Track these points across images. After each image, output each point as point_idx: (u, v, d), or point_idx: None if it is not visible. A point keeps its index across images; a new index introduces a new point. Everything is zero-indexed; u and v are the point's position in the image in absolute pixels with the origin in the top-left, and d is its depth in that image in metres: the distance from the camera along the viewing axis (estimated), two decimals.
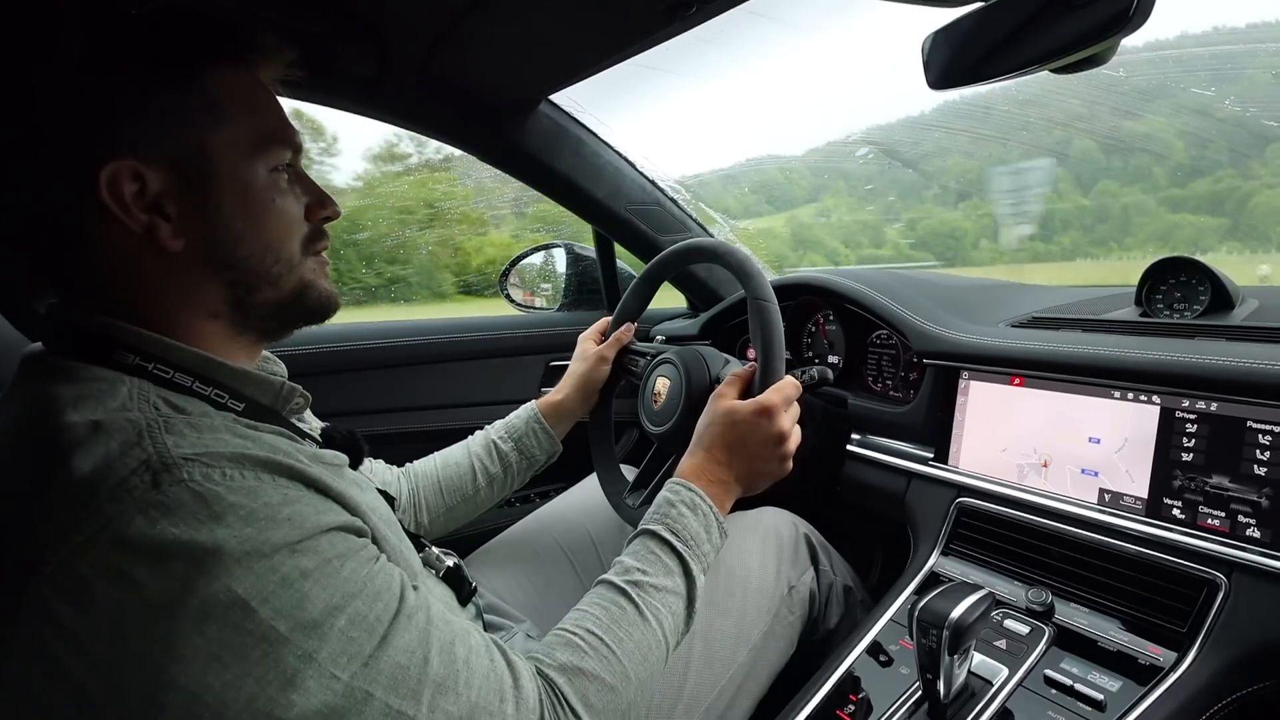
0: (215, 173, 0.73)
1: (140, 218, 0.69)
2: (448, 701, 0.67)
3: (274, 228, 0.78)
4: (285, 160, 0.80)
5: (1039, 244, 2.78)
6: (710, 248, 1.31)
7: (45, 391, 0.65)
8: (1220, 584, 0.98)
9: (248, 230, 0.76)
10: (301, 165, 0.84)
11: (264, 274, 0.78)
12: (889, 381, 1.65)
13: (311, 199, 0.84)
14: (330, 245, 0.88)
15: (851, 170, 4.17)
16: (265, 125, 0.78)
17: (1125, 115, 2.43)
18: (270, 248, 0.78)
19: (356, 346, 1.88)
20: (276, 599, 0.59)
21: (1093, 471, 1.14)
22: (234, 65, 0.76)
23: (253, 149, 0.76)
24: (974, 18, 0.84)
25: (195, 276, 0.74)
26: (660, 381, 1.30)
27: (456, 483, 1.34)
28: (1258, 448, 0.98)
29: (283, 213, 0.79)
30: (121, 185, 0.68)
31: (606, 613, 0.87)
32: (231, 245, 0.75)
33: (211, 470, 0.61)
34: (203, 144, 0.72)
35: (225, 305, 0.77)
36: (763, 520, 1.36)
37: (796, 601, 1.26)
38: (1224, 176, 2.40)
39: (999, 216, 3.46)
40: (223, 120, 0.73)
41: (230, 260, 0.75)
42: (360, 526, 0.71)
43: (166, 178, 0.70)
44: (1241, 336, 1.13)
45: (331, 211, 0.86)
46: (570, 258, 2.36)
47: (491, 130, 1.71)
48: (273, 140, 0.78)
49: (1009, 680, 1.01)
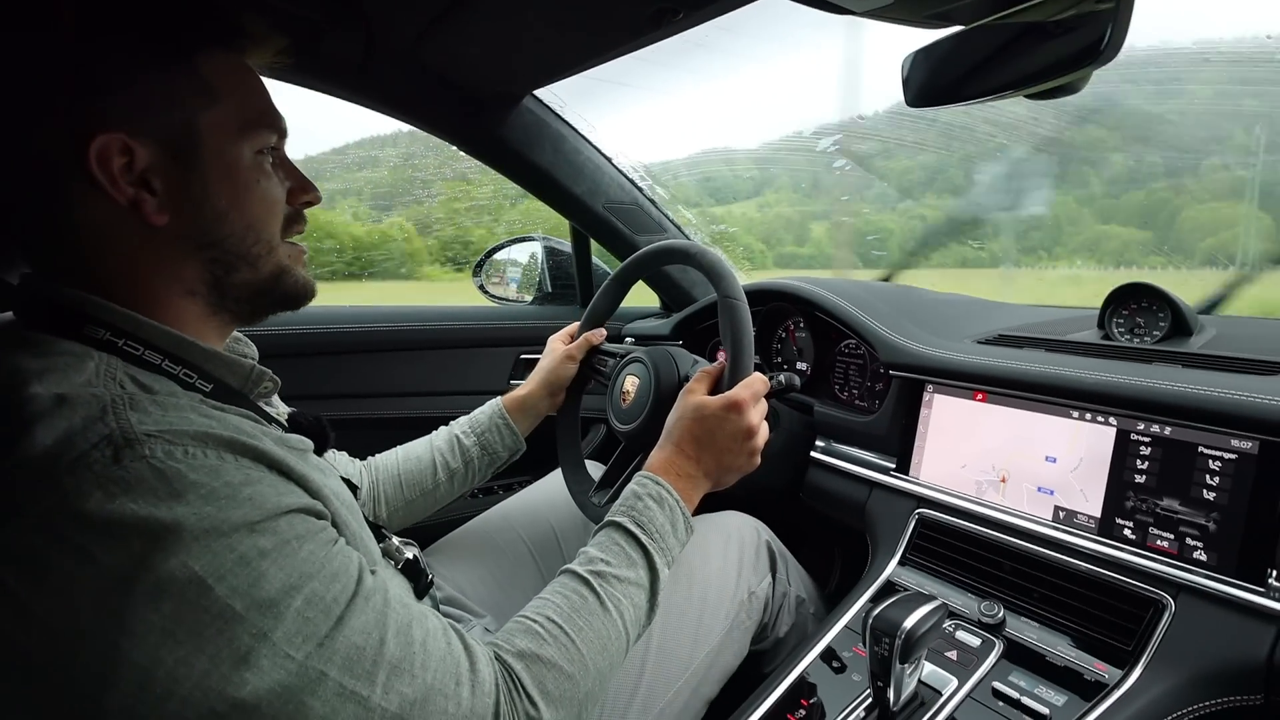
0: (203, 151, 0.74)
1: (126, 191, 0.70)
2: (402, 683, 0.67)
3: (256, 208, 0.79)
4: (270, 144, 0.81)
5: (968, 249, 2.78)
6: (682, 249, 1.31)
7: (12, 362, 0.65)
8: (1166, 604, 1.00)
9: (231, 209, 0.76)
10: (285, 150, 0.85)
11: (244, 254, 0.79)
12: (855, 391, 1.67)
13: (294, 183, 0.85)
14: (304, 233, 0.89)
15: (798, 165, 4.17)
16: (253, 108, 0.79)
17: (1068, 125, 2.46)
18: (252, 228, 0.79)
19: (327, 330, 1.87)
20: (233, 577, 0.59)
21: (1049, 490, 1.16)
22: (224, 49, 0.77)
23: (240, 131, 0.77)
24: (953, 40, 0.86)
25: (176, 253, 0.75)
26: (629, 380, 1.30)
27: (416, 477, 1.34)
28: (1208, 473, 1.00)
29: (266, 194, 0.80)
30: (110, 158, 0.68)
31: (568, 601, 0.87)
32: (214, 223, 0.76)
33: (174, 448, 0.61)
34: (192, 122, 0.73)
35: (203, 284, 0.78)
36: (727, 524, 1.37)
37: (754, 607, 1.27)
38: (1157, 189, 2.44)
39: (929, 220, 3.48)
40: (213, 101, 0.74)
41: (212, 238, 0.76)
42: (320, 509, 0.72)
43: (155, 153, 0.71)
44: (1198, 364, 1.15)
45: (313, 196, 0.87)
46: (546, 252, 2.36)
47: (475, 122, 1.71)
48: (260, 124, 0.79)
49: (958, 691, 1.03)
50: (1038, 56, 0.78)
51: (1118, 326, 1.39)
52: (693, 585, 1.21)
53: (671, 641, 1.14)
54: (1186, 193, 2.27)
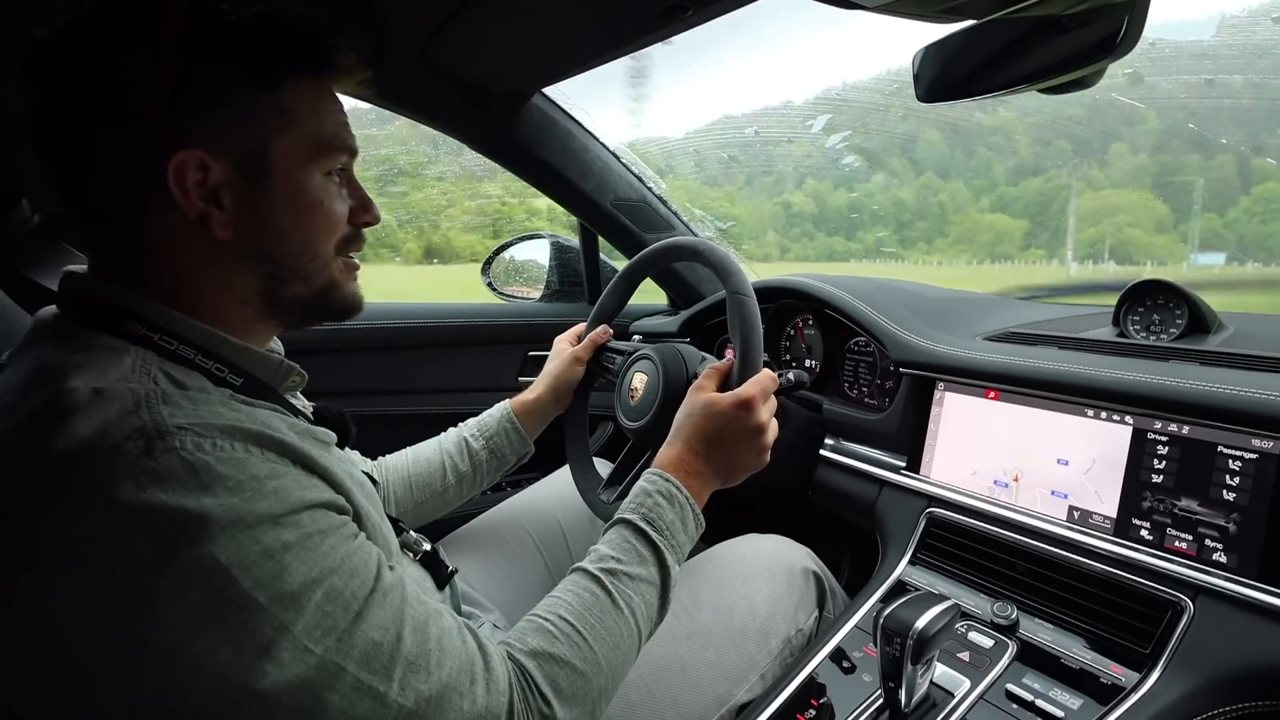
0: (275, 172, 0.77)
1: (197, 204, 0.73)
2: (419, 680, 0.68)
3: (317, 228, 0.82)
4: (340, 165, 0.83)
5: (838, 241, 2.75)
6: (690, 246, 1.31)
7: (53, 355, 0.68)
8: (1185, 607, 0.98)
9: (293, 228, 0.80)
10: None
11: (299, 270, 0.82)
12: (865, 389, 1.66)
13: (356, 203, 0.87)
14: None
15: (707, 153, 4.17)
16: (328, 133, 0.81)
17: (979, 108, 2.44)
18: (309, 245, 0.81)
19: (337, 327, 1.87)
20: (257, 569, 0.61)
21: (1062, 494, 1.15)
22: (312, 77, 0.80)
23: (313, 154, 0.80)
24: (964, 34, 0.85)
25: (235, 265, 0.78)
26: (637, 377, 1.30)
27: (426, 479, 1.35)
28: (1227, 473, 0.99)
29: (329, 214, 0.82)
30: (186, 173, 0.71)
31: (579, 599, 0.87)
32: (275, 240, 0.79)
33: (203, 440, 0.63)
34: (268, 145, 0.76)
35: (256, 294, 0.81)
36: (774, 552, 1.33)
37: (798, 644, 1.24)
38: (1054, 176, 2.41)
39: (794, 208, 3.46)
40: (291, 126, 0.77)
41: (271, 254, 0.79)
42: (342, 504, 0.73)
43: (228, 171, 0.74)
44: (1216, 362, 1.14)
45: (372, 216, 0.89)
46: (554, 249, 2.36)
47: (484, 119, 1.71)
48: (332, 147, 0.81)
49: (970, 693, 1.02)
50: (1052, 50, 0.77)
51: (1133, 324, 1.38)
52: (733, 619, 1.19)
53: (707, 678, 1.12)
54: (1085, 178, 2.25)
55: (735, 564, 1.28)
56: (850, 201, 3.61)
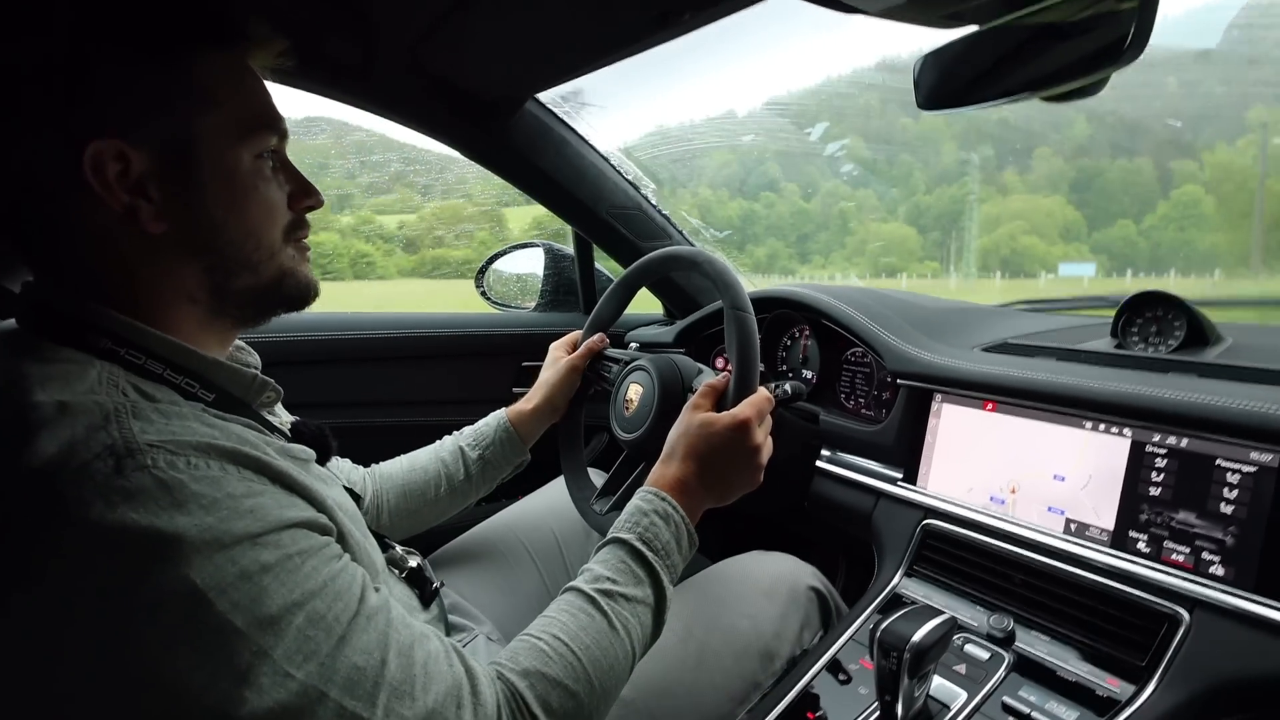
0: (200, 157, 0.73)
1: (122, 198, 0.69)
2: (404, 706, 0.66)
3: (256, 215, 0.78)
4: (270, 146, 0.79)
5: (729, 253, 2.72)
6: (689, 256, 1.30)
7: (15, 369, 0.65)
8: (1182, 619, 0.97)
9: (230, 216, 0.76)
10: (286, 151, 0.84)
11: (244, 260, 0.78)
12: (862, 400, 1.65)
13: (295, 187, 0.84)
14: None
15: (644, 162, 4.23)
16: (252, 111, 0.78)
17: (909, 113, 2.45)
18: (251, 234, 0.78)
19: (329, 338, 1.87)
20: (234, 592, 0.59)
21: (1059, 510, 1.14)
22: (224, 51, 0.76)
23: (239, 135, 0.76)
24: (965, 42, 0.84)
25: (174, 260, 0.74)
26: (633, 388, 1.29)
27: (420, 488, 1.33)
28: (1225, 485, 0.98)
29: (265, 200, 0.79)
30: (105, 165, 0.67)
31: (574, 619, 0.86)
32: (213, 230, 0.75)
33: (176, 458, 0.60)
34: (188, 128, 0.72)
35: (203, 290, 0.77)
36: (777, 571, 1.32)
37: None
38: (966, 184, 2.41)
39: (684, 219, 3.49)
40: (210, 105, 0.73)
41: (211, 245, 0.76)
42: (324, 524, 0.71)
43: (150, 160, 0.70)
44: (1215, 374, 1.13)
45: (315, 201, 0.86)
46: (549, 258, 2.35)
47: (476, 126, 1.69)
48: (259, 126, 0.78)
49: (967, 705, 1.01)
50: (1055, 57, 0.76)
51: (1132, 336, 1.37)
52: (737, 639, 1.18)
53: (710, 700, 1.11)
54: (997, 184, 2.24)
55: (739, 582, 1.27)
56: (745, 211, 3.60)
